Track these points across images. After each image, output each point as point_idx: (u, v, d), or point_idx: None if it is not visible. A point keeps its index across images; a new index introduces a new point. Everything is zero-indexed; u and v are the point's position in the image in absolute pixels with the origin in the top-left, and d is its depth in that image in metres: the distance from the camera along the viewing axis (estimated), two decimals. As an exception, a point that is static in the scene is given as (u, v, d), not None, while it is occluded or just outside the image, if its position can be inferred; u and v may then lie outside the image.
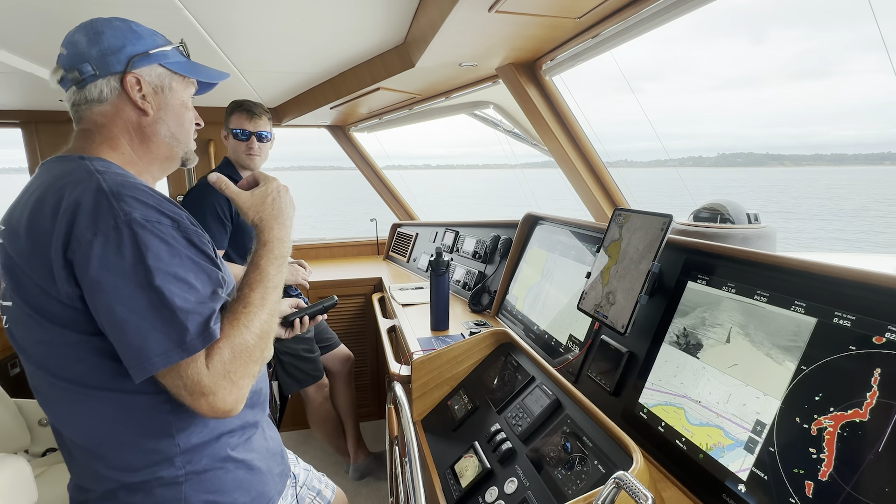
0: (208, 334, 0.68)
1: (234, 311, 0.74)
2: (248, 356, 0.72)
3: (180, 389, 0.67)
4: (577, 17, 1.23)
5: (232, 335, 0.71)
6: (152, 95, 0.83)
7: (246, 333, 0.72)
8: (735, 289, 0.87)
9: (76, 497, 0.81)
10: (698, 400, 0.85)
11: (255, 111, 1.86)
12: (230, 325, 0.72)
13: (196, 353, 0.67)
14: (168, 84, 0.85)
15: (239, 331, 0.72)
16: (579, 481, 0.76)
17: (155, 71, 0.83)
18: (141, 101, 0.81)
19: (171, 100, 0.85)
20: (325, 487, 1.13)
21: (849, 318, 0.68)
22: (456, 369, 1.25)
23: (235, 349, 0.71)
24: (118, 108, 0.81)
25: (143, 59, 0.81)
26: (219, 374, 0.68)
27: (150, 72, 0.82)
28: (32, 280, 0.70)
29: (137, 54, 0.80)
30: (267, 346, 0.76)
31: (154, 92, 0.83)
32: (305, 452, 2.41)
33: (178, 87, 0.86)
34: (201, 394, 0.67)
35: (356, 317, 2.63)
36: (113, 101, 0.80)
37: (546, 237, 1.67)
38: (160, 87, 0.84)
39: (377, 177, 3.23)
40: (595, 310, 1.14)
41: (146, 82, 0.82)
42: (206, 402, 0.68)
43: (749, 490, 0.71)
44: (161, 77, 0.84)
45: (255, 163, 1.90)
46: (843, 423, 0.63)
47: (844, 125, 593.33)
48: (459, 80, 1.98)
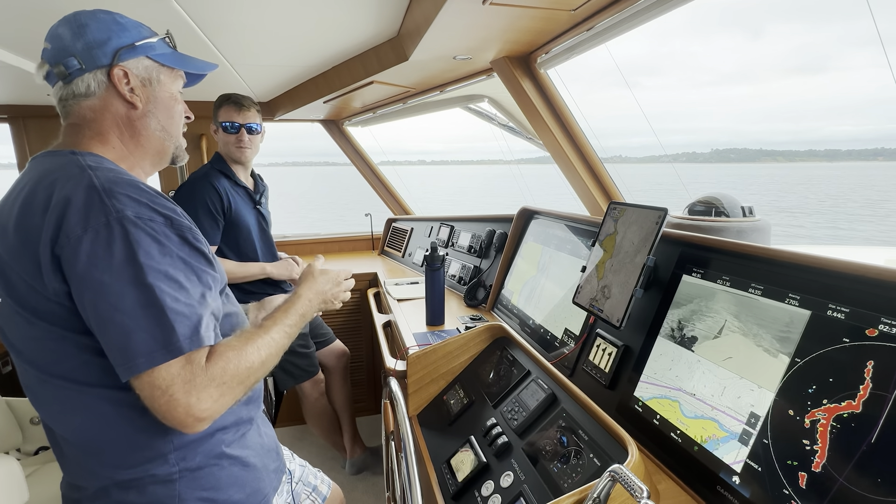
0: (197, 338, 0.67)
1: (250, 334, 0.77)
2: (246, 377, 0.73)
3: (155, 390, 0.65)
4: (572, 9, 1.22)
5: (241, 351, 0.73)
6: (140, 88, 0.81)
7: (253, 355, 0.74)
8: (730, 282, 0.87)
9: (69, 495, 0.80)
10: (693, 393, 0.86)
11: (244, 103, 1.83)
12: (244, 341, 0.75)
13: (181, 356, 0.66)
14: (156, 76, 0.83)
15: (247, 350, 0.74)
16: (575, 474, 0.77)
17: (142, 63, 0.81)
18: (129, 94, 0.80)
19: (160, 92, 0.84)
20: (321, 483, 1.12)
21: (842, 310, 0.68)
22: (451, 364, 1.25)
23: (240, 365, 0.71)
24: (106, 102, 0.80)
25: (130, 51, 0.79)
26: (213, 380, 0.68)
27: (137, 64, 0.81)
28: (20, 276, 0.69)
29: (123, 47, 0.79)
30: (257, 379, 0.77)
31: (142, 85, 0.82)
32: (301, 448, 2.41)
33: (166, 80, 0.85)
34: (186, 393, 0.65)
35: (351, 312, 2.62)
36: (101, 95, 0.79)
37: (541, 231, 1.66)
38: (148, 79, 0.82)
39: (371, 171, 3.22)
40: (590, 303, 1.14)
41: (134, 75, 0.80)
42: (183, 406, 0.65)
43: (743, 482, 0.72)
44: (149, 69, 0.82)
45: (246, 155, 1.87)
46: (836, 415, 0.64)
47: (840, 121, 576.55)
48: (454, 74, 1.96)
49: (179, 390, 0.65)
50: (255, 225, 1.91)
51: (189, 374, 0.66)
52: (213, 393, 0.67)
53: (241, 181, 1.88)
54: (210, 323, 0.71)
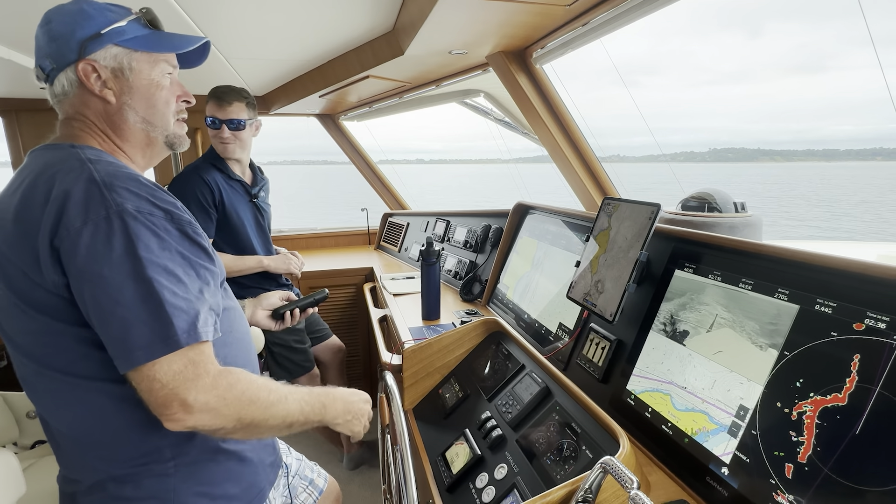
0: (195, 333, 0.68)
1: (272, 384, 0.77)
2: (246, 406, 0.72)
3: (154, 383, 0.65)
4: (568, 4, 1.22)
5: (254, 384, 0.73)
6: (112, 80, 0.76)
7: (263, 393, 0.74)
8: (721, 277, 0.88)
9: (65, 488, 0.80)
10: (684, 386, 0.87)
11: (225, 98, 1.75)
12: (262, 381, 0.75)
13: (180, 351, 0.66)
14: (127, 64, 0.77)
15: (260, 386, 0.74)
16: (568, 466, 0.78)
17: (110, 52, 0.75)
18: (100, 89, 0.76)
19: (136, 81, 0.78)
20: (317, 476, 1.13)
21: (830, 304, 0.69)
22: (447, 358, 1.26)
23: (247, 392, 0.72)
24: (83, 99, 0.77)
25: (95, 41, 0.74)
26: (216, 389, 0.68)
27: (104, 54, 0.75)
28: (19, 268, 0.69)
29: (88, 38, 0.73)
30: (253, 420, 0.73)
31: (114, 76, 0.76)
32: (297, 442, 2.42)
33: (141, 66, 0.78)
34: (186, 389, 0.66)
35: (347, 307, 2.62)
36: (75, 92, 0.76)
37: (536, 226, 1.67)
38: (119, 69, 0.76)
39: (368, 166, 3.21)
40: (584, 298, 1.15)
41: (102, 67, 0.75)
42: (180, 401, 0.65)
43: (732, 472, 0.73)
44: (118, 58, 0.76)
45: (229, 151, 1.80)
46: (822, 408, 0.65)
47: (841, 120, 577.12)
48: (449, 68, 1.96)
49: (179, 385, 0.66)
50: (250, 218, 1.90)
51: (193, 373, 0.67)
52: (210, 400, 0.67)
53: (235, 174, 1.86)
54: (209, 318, 0.71)
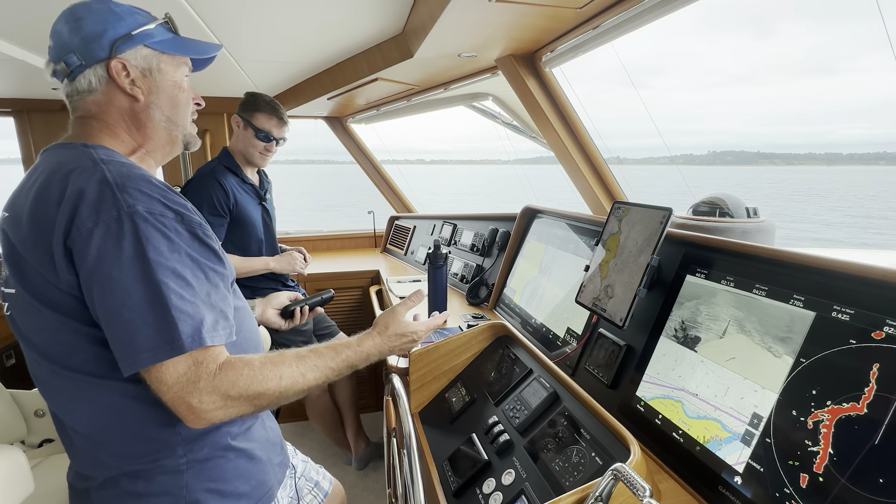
0: (199, 338, 0.67)
1: (280, 360, 0.76)
2: (255, 398, 0.72)
3: (161, 385, 0.66)
4: (579, 7, 1.21)
5: (258, 373, 0.72)
6: (141, 79, 0.80)
7: (272, 382, 0.73)
8: (734, 282, 0.87)
9: (76, 484, 0.80)
10: (696, 393, 0.85)
11: (284, 118, 1.89)
12: (268, 365, 0.74)
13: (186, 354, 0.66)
14: (156, 65, 0.81)
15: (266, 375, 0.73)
16: (577, 473, 0.77)
17: (140, 53, 0.79)
18: (130, 86, 0.79)
19: (162, 82, 0.82)
20: (322, 479, 1.13)
21: (847, 311, 0.68)
22: (453, 362, 1.26)
23: (251, 386, 0.71)
24: (109, 96, 0.79)
25: (127, 41, 0.78)
26: (217, 390, 0.68)
27: (135, 54, 0.79)
28: (34, 267, 0.69)
29: (120, 37, 0.77)
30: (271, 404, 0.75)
31: (142, 75, 0.80)
32: (303, 444, 2.42)
33: (167, 68, 0.82)
34: (188, 393, 0.66)
35: (354, 310, 2.62)
36: (103, 89, 0.78)
37: (544, 230, 1.66)
38: (148, 69, 0.80)
39: (375, 169, 3.21)
40: (593, 303, 1.14)
41: (133, 66, 0.79)
42: (186, 405, 0.67)
43: (745, 482, 0.72)
44: (148, 59, 0.80)
45: (266, 162, 1.95)
46: (839, 417, 0.64)
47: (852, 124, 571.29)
48: (458, 71, 1.96)
49: (183, 389, 0.66)
50: (259, 221, 1.93)
51: (194, 375, 0.67)
52: (216, 400, 0.68)
53: (248, 178, 1.92)
54: (217, 322, 0.71)
